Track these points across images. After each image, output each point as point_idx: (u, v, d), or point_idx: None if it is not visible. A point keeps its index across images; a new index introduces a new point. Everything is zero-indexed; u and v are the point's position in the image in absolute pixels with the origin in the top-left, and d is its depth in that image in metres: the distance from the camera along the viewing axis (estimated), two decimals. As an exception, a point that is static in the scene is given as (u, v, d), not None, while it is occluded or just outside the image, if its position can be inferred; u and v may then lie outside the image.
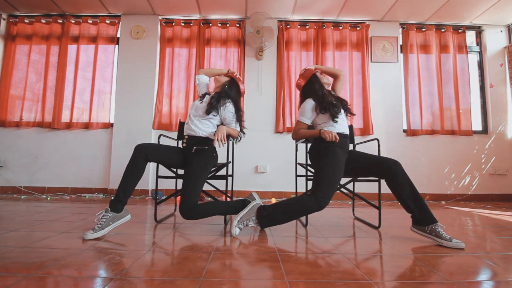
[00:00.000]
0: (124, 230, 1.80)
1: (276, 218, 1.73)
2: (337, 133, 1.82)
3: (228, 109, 1.97)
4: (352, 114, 1.99)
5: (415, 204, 1.64)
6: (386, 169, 1.67)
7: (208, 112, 1.94)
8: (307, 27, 3.78)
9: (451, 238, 1.54)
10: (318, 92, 1.92)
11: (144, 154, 1.73)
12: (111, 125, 3.68)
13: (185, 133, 2.01)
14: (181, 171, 2.21)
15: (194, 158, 1.87)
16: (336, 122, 1.85)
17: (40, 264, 1.19)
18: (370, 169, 1.77)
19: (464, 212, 2.82)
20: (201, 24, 3.78)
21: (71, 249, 1.41)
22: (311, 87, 1.97)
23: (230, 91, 2.08)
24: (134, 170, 1.71)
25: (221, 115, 1.98)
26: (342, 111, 1.90)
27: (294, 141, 2.16)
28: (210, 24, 3.79)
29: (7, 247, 1.42)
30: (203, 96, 2.11)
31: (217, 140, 1.79)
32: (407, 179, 1.65)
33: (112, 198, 1.71)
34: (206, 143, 1.94)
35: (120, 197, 1.69)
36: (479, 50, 3.90)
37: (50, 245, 1.46)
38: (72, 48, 3.78)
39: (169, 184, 3.48)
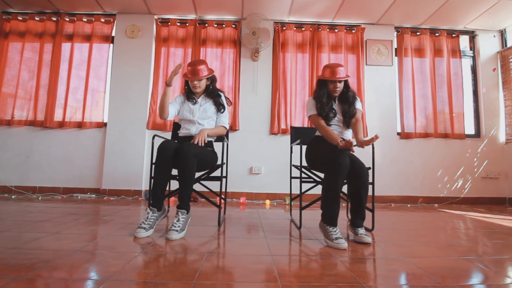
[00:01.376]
0: (116, 232, 1.79)
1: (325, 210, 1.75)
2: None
3: (225, 103, 2.18)
4: (348, 128, 2.00)
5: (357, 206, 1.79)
6: (357, 167, 1.74)
7: (222, 105, 2.13)
8: (303, 29, 3.80)
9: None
10: (321, 98, 1.96)
11: (170, 158, 1.81)
12: (105, 124, 3.65)
13: (189, 134, 2.07)
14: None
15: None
16: (329, 126, 1.94)
17: (30, 266, 1.18)
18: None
19: (456, 215, 2.85)
20: (197, 24, 3.77)
21: (62, 250, 1.39)
22: (317, 91, 2.01)
23: (215, 87, 2.17)
24: (163, 172, 1.82)
25: (220, 110, 2.15)
26: (338, 119, 1.97)
27: (291, 141, 2.17)
28: (206, 25, 3.78)
29: (-5, 248, 1.40)
30: (192, 96, 2.13)
31: (197, 141, 1.89)
32: (366, 181, 1.76)
33: (152, 200, 1.82)
34: (210, 143, 2.13)
35: (161, 196, 1.83)
36: (472, 55, 3.96)
37: (41, 247, 1.44)
38: (66, 46, 3.74)
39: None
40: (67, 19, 3.75)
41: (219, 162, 2.17)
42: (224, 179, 2.33)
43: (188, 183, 1.77)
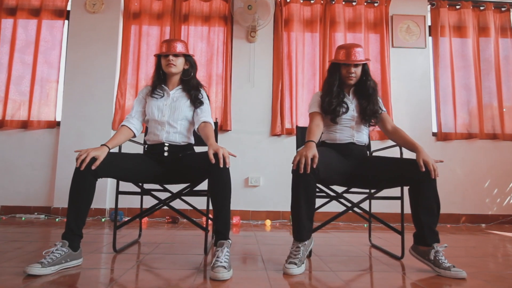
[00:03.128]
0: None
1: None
2: (335, 143, 2.03)
3: (206, 97, 2.19)
4: (371, 125, 2.10)
5: (427, 220, 1.77)
6: (412, 173, 1.76)
7: (200, 101, 2.11)
8: (312, 1, 3.83)
9: (451, 267, 1.63)
10: (331, 87, 2.00)
11: (90, 175, 1.73)
12: (58, 124, 3.63)
13: (158, 141, 2.07)
14: (149, 185, 2.19)
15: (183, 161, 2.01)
16: (336, 126, 2.03)
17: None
18: (396, 172, 1.85)
19: (510, 238, 2.86)
20: (177, -4, 3.78)
21: (0, 289, 1.37)
22: (328, 78, 2.05)
23: (194, 75, 2.17)
24: (81, 193, 1.73)
25: (199, 107, 2.14)
26: (351, 117, 2.01)
27: (297, 145, 2.20)
28: (188, -4, 3.80)
29: None
30: (159, 91, 2.11)
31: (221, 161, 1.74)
32: (434, 190, 1.77)
33: (64, 230, 1.71)
34: (191, 148, 2.15)
35: (74, 230, 1.70)
36: (527, 34, 4.01)
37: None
38: (6, 24, 3.73)
39: (133, 202, 3.43)
40: (8, -11, 3.74)
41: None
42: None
43: (229, 211, 1.77)
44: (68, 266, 1.67)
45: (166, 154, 2.05)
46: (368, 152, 2.31)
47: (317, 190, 2.24)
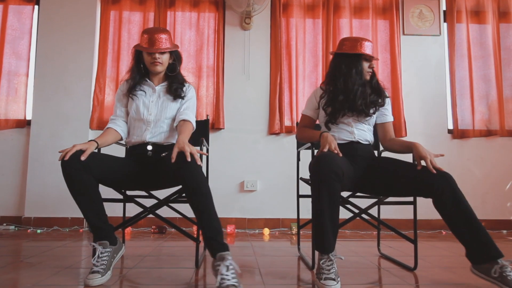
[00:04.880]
0: (47, 280, 1.77)
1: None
2: (341, 144, 2.00)
3: (193, 97, 2.21)
4: (370, 115, 2.11)
5: (470, 234, 1.67)
6: (428, 184, 1.73)
7: (180, 96, 2.12)
8: (313, -16, 3.85)
9: None
10: (337, 80, 2.07)
11: (79, 164, 1.72)
12: (28, 123, 3.63)
13: (141, 141, 2.08)
14: (133, 192, 2.20)
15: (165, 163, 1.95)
16: (336, 125, 2.08)
17: None
18: (406, 184, 1.85)
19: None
20: (162, -22, 3.78)
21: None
22: (332, 67, 2.13)
23: (179, 72, 2.21)
24: (81, 190, 1.78)
25: (183, 104, 2.15)
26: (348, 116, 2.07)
27: (298, 144, 2.22)
28: (174, -18, 3.80)
29: None
30: (143, 87, 2.14)
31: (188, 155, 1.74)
32: (459, 198, 1.69)
33: (94, 234, 1.83)
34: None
35: (103, 226, 1.83)
36: (551, 19, 4.05)
37: None
38: (-33, 10, 3.71)
39: (115, 210, 3.40)
40: (-30, -30, 3.72)
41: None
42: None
43: (217, 219, 1.77)
44: (117, 261, 1.88)
45: (150, 154, 2.07)
46: (376, 152, 2.33)
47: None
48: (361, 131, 2.09)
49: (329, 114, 2.06)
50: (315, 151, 2.05)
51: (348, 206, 2.05)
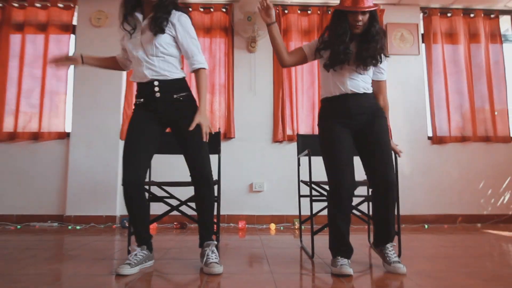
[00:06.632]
0: (87, 270, 1.80)
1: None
2: (330, 97, 1.86)
3: (187, 25, 1.76)
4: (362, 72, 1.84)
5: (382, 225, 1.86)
6: (377, 182, 1.79)
7: (161, 29, 1.67)
8: (309, 12, 3.88)
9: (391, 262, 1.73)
10: (337, 30, 1.76)
11: (138, 190, 1.80)
12: (67, 135, 3.67)
13: (146, 79, 1.76)
14: (160, 193, 2.23)
15: (180, 113, 1.79)
16: (328, 76, 1.85)
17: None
18: (365, 168, 1.87)
19: (504, 237, 2.89)
20: (180, 9, 3.83)
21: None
22: (333, 27, 1.80)
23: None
24: (137, 210, 1.81)
25: (178, 39, 1.75)
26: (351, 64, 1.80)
27: (298, 151, 2.21)
28: (190, 9, 3.84)
29: None
30: (132, 27, 1.76)
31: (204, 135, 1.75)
32: (388, 199, 1.78)
33: (136, 238, 1.84)
34: (183, 87, 1.82)
35: (143, 234, 1.84)
36: (516, 39, 4.06)
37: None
38: (15, 39, 3.76)
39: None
40: (16, 5, 3.78)
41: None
42: (216, 202, 2.36)
43: (211, 214, 1.89)
44: (146, 266, 1.82)
45: (158, 95, 1.76)
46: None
47: (318, 194, 2.29)
48: (354, 81, 1.81)
49: (324, 65, 1.81)
50: (313, 158, 2.08)
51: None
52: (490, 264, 1.97)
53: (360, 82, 1.84)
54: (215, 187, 2.04)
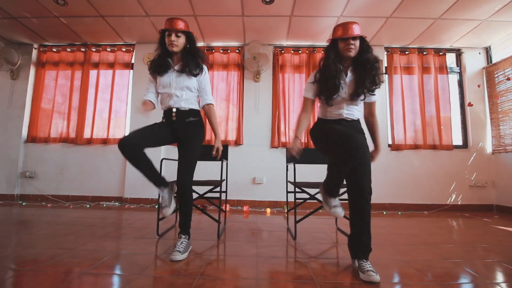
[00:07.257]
0: (128, 247, 1.76)
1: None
2: (327, 119, 1.58)
3: (207, 75, 1.80)
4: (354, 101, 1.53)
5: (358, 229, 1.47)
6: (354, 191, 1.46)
7: (193, 74, 1.71)
8: (299, 52, 3.72)
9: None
10: (327, 62, 1.51)
11: (134, 147, 1.55)
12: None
13: (169, 107, 1.75)
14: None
15: (187, 133, 1.73)
16: (331, 106, 1.53)
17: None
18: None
19: (444, 222, 2.69)
20: (205, 51, 3.76)
21: (71, 272, 1.38)
22: (324, 55, 1.54)
23: (196, 49, 1.75)
24: (137, 162, 1.59)
25: (198, 81, 1.76)
26: (340, 98, 1.51)
27: (287, 160, 2.10)
28: (213, 50, 3.77)
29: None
30: (165, 68, 1.74)
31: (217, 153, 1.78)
32: (364, 204, 1.44)
33: (151, 181, 1.65)
34: (196, 114, 1.78)
35: (157, 178, 1.66)
36: (459, 71, 3.76)
37: (58, 263, 1.44)
38: (93, 73, 3.81)
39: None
40: (94, 50, 3.83)
41: (218, 177, 2.12)
42: (223, 194, 2.31)
43: (189, 215, 1.74)
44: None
45: (174, 118, 1.74)
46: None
47: (299, 191, 2.14)
48: (350, 111, 1.57)
49: (323, 101, 1.57)
50: (298, 165, 1.96)
51: (317, 198, 1.95)
52: (435, 237, 1.78)
53: (355, 112, 1.58)
54: (223, 183, 1.99)
